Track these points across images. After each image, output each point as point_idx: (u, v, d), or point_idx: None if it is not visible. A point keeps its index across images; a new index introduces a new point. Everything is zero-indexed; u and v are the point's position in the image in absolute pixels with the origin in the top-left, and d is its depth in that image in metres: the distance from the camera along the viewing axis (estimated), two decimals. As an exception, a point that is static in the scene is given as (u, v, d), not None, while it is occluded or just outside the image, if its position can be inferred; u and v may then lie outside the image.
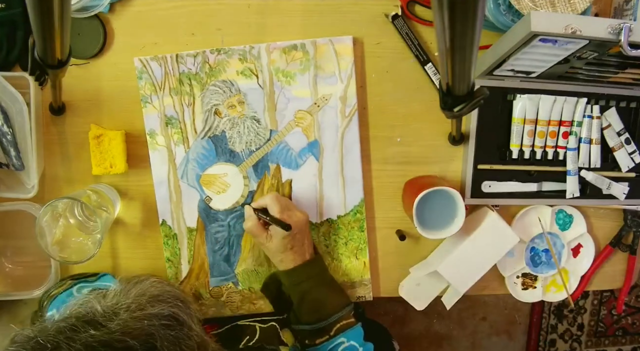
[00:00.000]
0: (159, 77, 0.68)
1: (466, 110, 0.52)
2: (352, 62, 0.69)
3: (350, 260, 0.74)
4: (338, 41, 0.68)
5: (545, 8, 0.62)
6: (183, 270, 0.73)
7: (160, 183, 0.71)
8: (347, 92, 0.70)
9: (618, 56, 0.59)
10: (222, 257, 0.73)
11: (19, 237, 0.74)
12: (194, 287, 0.74)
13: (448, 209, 0.69)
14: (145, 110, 0.69)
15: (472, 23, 0.38)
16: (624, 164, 0.74)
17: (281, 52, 0.68)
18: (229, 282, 0.74)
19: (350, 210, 0.73)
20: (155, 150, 0.70)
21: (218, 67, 0.68)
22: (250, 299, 0.74)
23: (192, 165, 0.71)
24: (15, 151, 0.68)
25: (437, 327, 1.63)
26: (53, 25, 0.46)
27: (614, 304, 1.67)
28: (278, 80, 0.69)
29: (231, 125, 0.70)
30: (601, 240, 0.80)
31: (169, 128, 0.70)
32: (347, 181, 0.72)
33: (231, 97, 0.69)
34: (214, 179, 0.71)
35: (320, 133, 0.71)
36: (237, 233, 0.73)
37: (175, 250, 0.73)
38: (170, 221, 0.72)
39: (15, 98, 0.65)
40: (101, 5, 0.65)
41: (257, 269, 0.74)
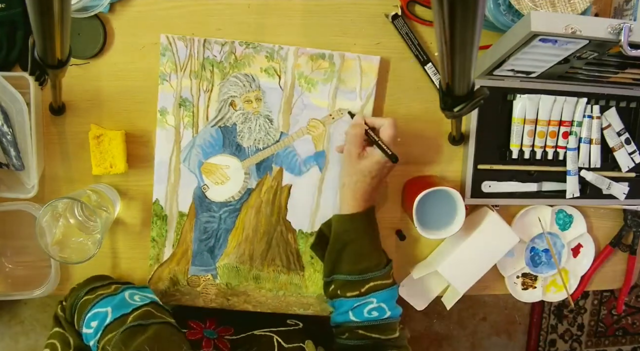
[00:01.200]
0: (182, 58, 0.68)
1: (466, 110, 0.52)
2: (375, 82, 0.69)
3: None
4: (366, 59, 0.69)
5: (545, 8, 0.62)
6: (166, 252, 0.73)
7: (161, 162, 0.71)
8: (363, 110, 0.70)
9: (618, 56, 0.60)
10: (207, 247, 0.73)
11: (19, 237, 0.74)
12: (173, 272, 0.73)
13: (448, 209, 0.69)
14: (161, 87, 0.69)
15: (472, 23, 0.38)
16: (624, 164, 0.74)
17: (308, 59, 0.69)
18: (208, 274, 0.74)
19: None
20: (163, 128, 0.70)
21: (243, 60, 0.68)
22: (226, 294, 0.74)
23: (196, 150, 0.71)
24: (15, 151, 0.68)
25: (437, 327, 1.63)
26: (53, 25, 0.46)
27: (614, 304, 1.67)
28: (299, 84, 0.69)
29: (244, 119, 0.70)
30: (601, 240, 0.80)
31: (181, 110, 0.69)
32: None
33: (250, 91, 0.69)
34: (215, 169, 0.71)
35: (328, 145, 0.71)
36: (227, 227, 0.73)
37: (162, 231, 0.72)
38: (163, 201, 0.72)
39: (15, 98, 0.65)
40: (101, 5, 0.65)
41: (238, 266, 0.74)
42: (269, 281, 0.75)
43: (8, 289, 0.74)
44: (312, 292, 0.75)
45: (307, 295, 0.75)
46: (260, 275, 0.74)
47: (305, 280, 0.75)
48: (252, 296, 0.75)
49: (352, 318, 0.64)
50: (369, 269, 0.64)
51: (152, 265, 0.73)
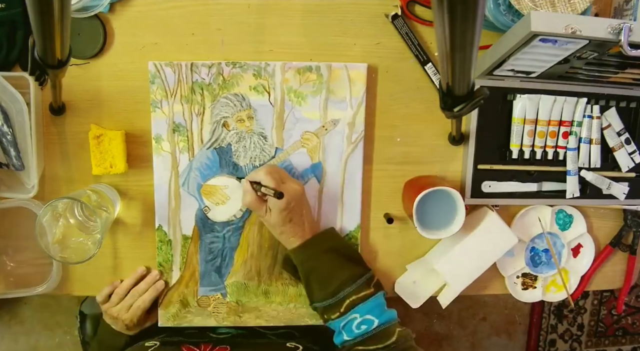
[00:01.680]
0: (171, 84, 0.68)
1: (466, 110, 0.52)
2: (364, 90, 0.69)
3: None
4: (353, 67, 0.69)
5: (545, 8, 0.62)
6: (173, 276, 0.73)
7: (160, 188, 0.71)
8: (355, 119, 0.70)
9: (618, 56, 0.60)
10: (214, 267, 0.73)
11: (20, 235, 0.74)
12: (182, 294, 0.74)
13: (448, 209, 0.69)
14: (153, 115, 0.69)
15: (472, 23, 0.38)
16: (624, 164, 0.74)
17: (295, 72, 0.69)
18: (218, 293, 0.74)
19: (345, 234, 0.74)
20: (159, 155, 0.70)
21: (231, 80, 0.69)
22: (237, 312, 0.75)
23: (194, 174, 0.71)
24: (15, 151, 0.68)
25: (437, 327, 1.63)
26: (53, 25, 0.46)
27: (614, 304, 1.67)
28: (289, 99, 0.69)
29: (238, 138, 0.70)
30: (601, 240, 0.80)
31: (175, 135, 0.70)
32: (346, 207, 0.73)
33: (241, 111, 0.69)
34: (215, 190, 0.71)
35: (324, 156, 0.71)
36: (232, 245, 0.73)
37: (168, 256, 0.73)
38: (167, 227, 0.72)
39: (15, 98, 0.65)
40: (101, 5, 0.65)
41: (247, 283, 0.74)
42: (278, 295, 0.75)
43: (10, 287, 0.74)
44: None
45: None
46: (269, 289, 0.74)
47: None
48: (263, 311, 0.75)
49: (345, 337, 0.64)
50: (339, 288, 0.64)
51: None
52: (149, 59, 0.68)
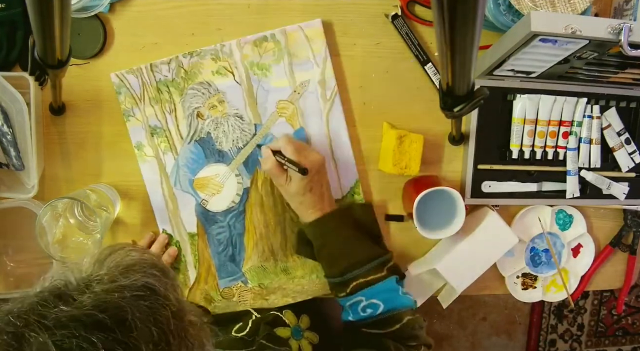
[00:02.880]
0: (137, 89, 0.68)
1: (466, 110, 0.52)
2: (325, 45, 0.69)
3: None
4: (307, 26, 0.68)
5: (545, 8, 0.62)
6: (190, 275, 0.73)
7: (154, 193, 0.71)
8: (324, 75, 0.69)
9: (618, 56, 0.60)
10: (228, 257, 0.73)
11: (20, 235, 0.74)
12: (204, 291, 0.73)
13: (448, 209, 0.69)
14: (129, 124, 0.69)
15: (472, 23, 0.38)
16: (624, 164, 0.74)
17: (252, 46, 0.68)
18: (238, 281, 0.74)
19: (347, 192, 0.73)
20: (144, 161, 0.70)
21: (193, 70, 0.68)
22: (262, 295, 0.74)
23: (183, 171, 0.71)
24: (15, 151, 0.68)
25: (437, 327, 1.63)
26: (53, 25, 0.46)
27: (614, 304, 1.67)
28: (254, 73, 0.69)
29: (215, 125, 0.70)
30: (601, 240, 0.80)
31: (155, 138, 0.70)
32: (340, 164, 0.72)
33: (211, 97, 0.69)
34: (207, 182, 0.71)
35: (304, 120, 0.70)
36: (238, 232, 0.73)
37: (180, 257, 0.73)
38: (171, 229, 0.72)
39: (15, 98, 0.65)
40: (101, 5, 0.65)
41: (263, 265, 0.73)
42: (298, 269, 0.74)
43: (10, 287, 0.74)
44: None
45: None
46: (288, 266, 0.74)
47: None
48: (288, 288, 0.74)
49: (350, 317, 0.64)
50: (347, 269, 0.64)
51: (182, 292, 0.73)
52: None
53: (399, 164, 0.69)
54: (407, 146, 0.68)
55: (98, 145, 0.71)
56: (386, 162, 0.70)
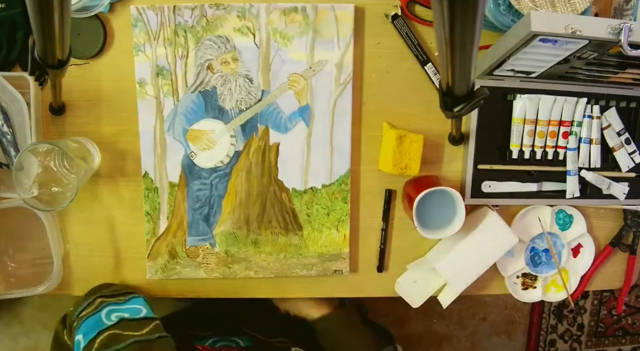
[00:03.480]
0: (154, 26, 0.67)
1: (466, 110, 0.52)
2: (352, 30, 0.68)
3: (330, 231, 0.74)
4: (340, 7, 0.68)
5: (545, 8, 0.62)
6: (161, 225, 0.72)
7: (145, 133, 0.70)
8: (343, 59, 0.69)
9: (618, 56, 0.59)
10: (202, 216, 0.72)
11: (20, 235, 0.75)
12: (171, 244, 0.73)
13: (448, 209, 0.69)
14: (137, 59, 0.68)
15: (472, 23, 0.38)
16: (624, 164, 0.74)
17: (281, 13, 0.68)
18: (206, 243, 0.73)
19: (336, 180, 0.72)
20: (143, 99, 0.69)
21: (215, 22, 0.67)
22: (226, 262, 0.74)
23: (179, 118, 0.70)
24: (15, 151, 0.68)
25: (437, 327, 1.63)
26: (53, 25, 0.46)
27: (614, 304, 1.67)
28: (275, 41, 0.68)
29: (223, 81, 0.69)
30: (601, 240, 0.80)
31: (159, 79, 0.69)
32: (335, 150, 0.71)
33: (226, 53, 0.68)
34: (201, 135, 0.70)
35: (312, 98, 0.70)
36: (219, 193, 0.72)
37: (155, 203, 0.72)
38: (153, 173, 0.71)
39: (15, 98, 0.65)
40: (101, 5, 0.65)
41: (235, 232, 0.73)
42: (268, 245, 0.74)
43: (11, 287, 0.74)
44: (312, 252, 0.74)
45: (308, 255, 0.74)
46: (259, 238, 0.73)
47: (305, 240, 0.74)
48: (253, 261, 0.74)
49: None
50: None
51: (149, 240, 0.73)
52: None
53: (399, 164, 0.69)
54: (407, 146, 0.68)
55: (98, 145, 0.71)
56: (386, 162, 0.70)
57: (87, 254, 0.74)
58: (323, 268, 0.75)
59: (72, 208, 0.72)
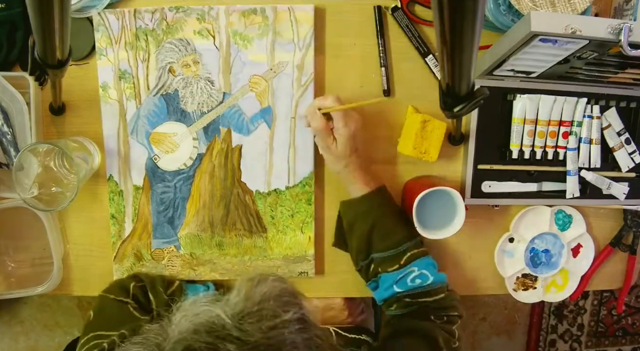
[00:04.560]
0: (115, 31, 0.68)
1: (466, 110, 0.52)
2: (312, 31, 0.68)
3: (295, 233, 0.74)
4: (299, 9, 0.68)
5: (545, 8, 0.62)
6: (126, 228, 0.73)
7: (109, 137, 0.70)
8: (304, 60, 0.69)
9: (618, 56, 0.59)
10: (166, 218, 0.73)
11: (20, 235, 0.75)
12: (136, 247, 0.73)
13: (448, 209, 0.69)
14: (99, 63, 0.69)
15: (472, 23, 0.38)
16: (624, 164, 0.73)
17: (240, 15, 0.68)
18: (171, 245, 0.73)
19: (299, 181, 0.72)
20: (107, 103, 0.69)
21: (175, 25, 0.68)
22: (191, 265, 0.74)
23: (142, 121, 0.70)
24: (15, 151, 0.68)
25: (437, 327, 1.63)
26: (53, 25, 0.46)
27: (614, 304, 1.67)
28: (235, 42, 0.68)
29: (184, 84, 0.69)
30: (601, 240, 0.80)
31: (122, 83, 0.69)
32: (298, 152, 0.72)
33: (186, 55, 0.69)
34: (164, 138, 0.71)
35: (274, 100, 0.70)
36: (183, 195, 0.72)
37: (120, 207, 0.72)
38: (117, 177, 0.71)
39: (15, 98, 0.65)
40: (101, 5, 0.65)
41: (200, 234, 0.73)
42: (232, 247, 0.74)
43: (12, 287, 0.74)
44: (277, 254, 0.74)
45: (273, 258, 0.74)
46: (223, 241, 0.74)
47: (269, 242, 0.74)
48: (217, 264, 0.74)
49: (396, 289, 0.65)
50: (402, 241, 0.65)
51: (115, 243, 0.73)
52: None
53: (419, 148, 0.69)
54: (429, 132, 0.69)
55: (98, 145, 0.71)
56: (407, 144, 0.70)
57: (87, 254, 0.75)
58: (288, 270, 0.75)
59: (72, 208, 0.72)
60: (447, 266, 0.77)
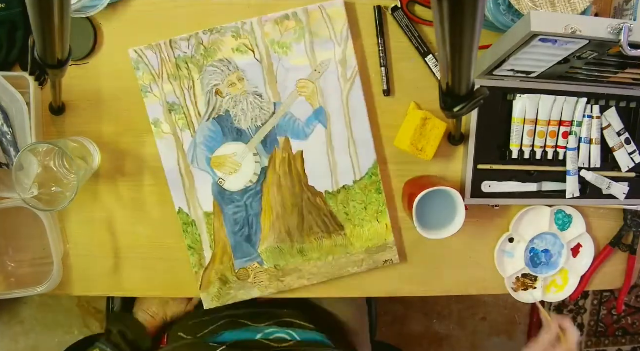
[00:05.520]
0: (155, 66, 0.68)
1: (466, 110, 0.52)
2: (347, 25, 0.68)
3: (372, 224, 0.74)
4: (329, 5, 0.68)
5: (545, 8, 0.62)
6: (206, 256, 0.73)
7: (171, 171, 0.71)
8: (345, 55, 0.69)
9: (618, 56, 0.59)
10: (244, 237, 0.73)
11: (20, 235, 0.75)
12: (220, 271, 0.73)
13: (448, 209, 0.69)
14: (147, 101, 0.69)
15: (472, 23, 0.38)
16: (624, 164, 0.74)
17: (274, 24, 0.68)
18: (254, 262, 0.74)
19: (366, 173, 0.72)
20: (162, 138, 0.70)
21: (213, 47, 0.68)
22: (278, 276, 0.74)
23: (200, 148, 0.71)
24: (15, 151, 0.68)
25: (437, 327, 1.63)
26: (53, 25, 0.46)
27: (614, 304, 1.67)
28: (275, 52, 0.69)
29: (234, 103, 0.70)
30: (601, 240, 0.80)
31: (172, 115, 0.69)
32: (358, 144, 0.72)
33: (230, 75, 0.69)
34: (225, 160, 0.71)
35: (324, 99, 0.70)
36: (255, 212, 0.73)
37: (195, 236, 0.73)
38: (187, 208, 0.72)
39: (15, 98, 0.65)
40: (101, 5, 0.65)
41: (280, 246, 0.73)
42: (314, 251, 0.74)
43: (11, 287, 0.74)
44: (359, 248, 0.74)
45: (356, 252, 0.74)
46: (304, 247, 0.74)
47: (349, 238, 0.74)
48: (304, 270, 0.74)
49: None
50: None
51: (197, 272, 0.73)
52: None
53: (416, 145, 0.69)
54: (428, 130, 0.69)
55: (98, 145, 0.71)
56: (404, 139, 0.70)
57: (87, 254, 0.75)
58: (373, 261, 0.75)
59: (72, 208, 0.72)
60: (447, 266, 0.78)
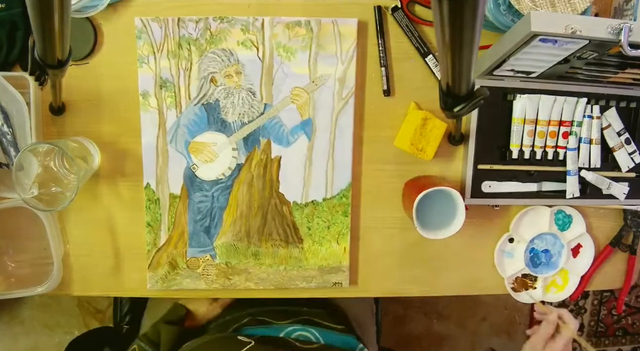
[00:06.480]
0: (158, 38, 0.68)
1: (466, 110, 0.52)
2: (355, 45, 0.69)
3: (331, 244, 0.74)
4: (343, 22, 0.68)
5: (545, 8, 0.62)
6: (162, 236, 0.73)
7: (148, 145, 0.70)
8: (346, 74, 0.70)
9: (618, 56, 0.60)
10: (203, 228, 0.73)
11: (20, 235, 0.75)
12: (171, 255, 0.73)
13: (448, 209, 0.69)
14: (140, 70, 0.68)
15: (472, 23, 0.38)
16: (624, 164, 0.74)
17: (284, 27, 0.68)
18: (207, 254, 0.74)
19: (337, 193, 0.73)
20: (147, 111, 0.69)
21: (219, 35, 0.68)
22: (227, 273, 0.74)
23: (182, 130, 0.70)
24: (15, 151, 0.68)
25: (437, 327, 1.63)
26: (53, 25, 0.46)
27: (614, 304, 1.67)
28: (278, 54, 0.69)
29: (226, 94, 0.69)
30: (601, 240, 0.80)
31: (162, 91, 0.69)
32: (337, 164, 0.72)
33: (229, 66, 0.69)
34: (203, 147, 0.71)
35: (314, 112, 0.70)
36: (220, 205, 0.72)
37: (156, 215, 0.72)
38: (154, 185, 0.71)
39: (15, 98, 0.65)
40: (101, 5, 0.65)
41: (236, 244, 0.73)
42: (268, 257, 0.74)
43: (11, 287, 0.74)
44: (312, 264, 0.75)
45: (308, 268, 0.75)
46: (259, 251, 0.74)
47: (305, 252, 0.74)
48: (253, 273, 0.74)
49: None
50: None
51: (150, 251, 0.73)
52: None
53: (416, 145, 0.69)
54: (428, 130, 0.69)
55: (98, 145, 0.71)
56: (404, 139, 0.70)
57: (87, 254, 0.75)
58: (323, 280, 0.75)
59: (72, 208, 0.72)
60: (447, 266, 0.78)
